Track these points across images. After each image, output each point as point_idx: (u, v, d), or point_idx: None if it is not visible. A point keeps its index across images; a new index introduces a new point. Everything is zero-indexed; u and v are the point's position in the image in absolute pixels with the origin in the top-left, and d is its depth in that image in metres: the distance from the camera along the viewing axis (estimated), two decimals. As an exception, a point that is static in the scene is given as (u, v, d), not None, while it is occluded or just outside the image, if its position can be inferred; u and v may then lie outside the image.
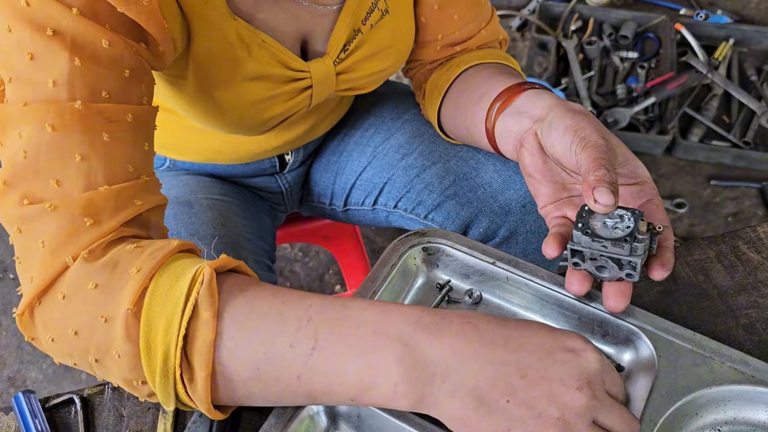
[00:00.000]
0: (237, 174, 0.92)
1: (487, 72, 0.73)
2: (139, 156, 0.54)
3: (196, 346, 0.46)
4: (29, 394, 0.62)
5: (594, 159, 0.54)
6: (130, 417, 0.62)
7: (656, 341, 0.60)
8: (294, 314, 0.47)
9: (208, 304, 0.46)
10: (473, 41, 0.81)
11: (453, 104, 0.76)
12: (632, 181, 0.58)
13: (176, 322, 0.46)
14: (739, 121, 1.95)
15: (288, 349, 0.46)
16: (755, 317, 0.67)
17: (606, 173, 0.52)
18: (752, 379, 0.58)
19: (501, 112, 0.66)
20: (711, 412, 0.58)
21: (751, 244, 0.74)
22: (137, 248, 0.49)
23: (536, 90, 0.65)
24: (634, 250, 0.52)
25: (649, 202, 0.58)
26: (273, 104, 0.73)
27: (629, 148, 0.58)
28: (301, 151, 0.94)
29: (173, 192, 0.84)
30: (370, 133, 0.94)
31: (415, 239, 0.67)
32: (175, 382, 0.47)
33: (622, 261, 0.54)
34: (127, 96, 0.53)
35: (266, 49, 0.68)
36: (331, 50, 0.73)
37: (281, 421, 0.55)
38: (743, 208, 1.84)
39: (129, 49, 0.53)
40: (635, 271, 0.54)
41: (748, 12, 2.35)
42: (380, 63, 0.77)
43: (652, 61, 2.09)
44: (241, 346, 0.47)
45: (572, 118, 0.58)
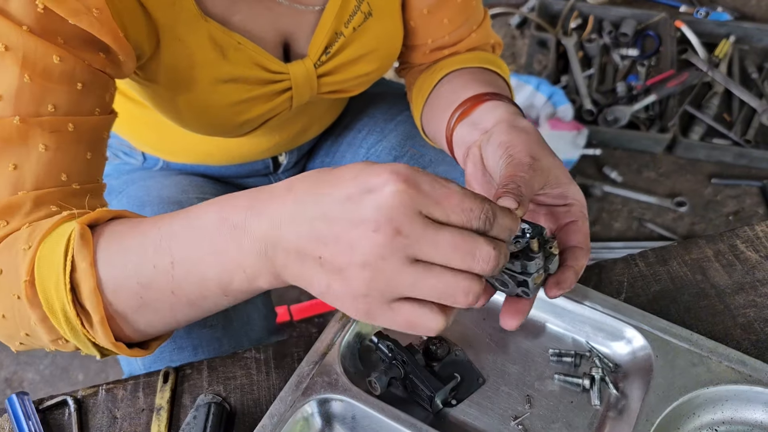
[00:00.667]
0: (230, 175, 0.92)
1: (463, 78, 0.73)
2: (78, 165, 0.56)
3: (84, 294, 0.50)
4: (23, 396, 0.62)
5: (507, 175, 0.53)
6: (123, 419, 0.61)
7: (653, 341, 0.60)
8: (150, 238, 0.50)
9: (83, 255, 0.49)
10: (463, 44, 0.80)
11: (429, 109, 0.76)
12: (560, 202, 0.57)
13: (61, 278, 0.49)
14: (740, 119, 1.94)
15: (153, 271, 0.49)
16: (753, 316, 0.67)
17: (515, 187, 0.51)
18: (749, 378, 0.57)
19: (459, 121, 0.65)
20: (708, 411, 0.58)
21: (750, 243, 0.73)
22: (29, 227, 0.52)
23: (495, 102, 0.64)
24: (524, 268, 0.51)
25: (572, 223, 0.56)
26: (251, 106, 0.72)
27: (566, 171, 0.57)
28: (295, 153, 0.94)
29: (164, 192, 0.84)
30: (363, 134, 0.94)
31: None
32: (83, 332, 0.51)
33: (517, 278, 0.53)
34: (77, 108, 0.55)
35: (242, 51, 0.67)
36: (312, 52, 0.72)
37: (274, 423, 0.55)
38: (744, 206, 1.83)
39: (81, 63, 0.55)
40: (529, 288, 0.53)
41: (749, 9, 2.34)
42: (365, 66, 0.76)
43: (653, 59, 2.08)
44: (118, 282, 0.50)
45: (509, 135, 0.57)
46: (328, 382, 0.57)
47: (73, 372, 1.52)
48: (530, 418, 0.58)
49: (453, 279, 0.41)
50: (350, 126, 0.95)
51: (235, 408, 0.61)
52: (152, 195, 0.83)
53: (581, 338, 0.63)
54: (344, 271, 0.42)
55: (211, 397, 0.60)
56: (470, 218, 0.42)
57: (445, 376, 0.60)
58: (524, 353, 0.63)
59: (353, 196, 0.42)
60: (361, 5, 0.72)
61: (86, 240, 0.50)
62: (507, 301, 0.54)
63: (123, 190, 0.88)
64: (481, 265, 0.42)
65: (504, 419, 0.58)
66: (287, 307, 1.55)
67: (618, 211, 1.82)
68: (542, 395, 0.60)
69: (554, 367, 0.62)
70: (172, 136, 0.84)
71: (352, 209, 0.42)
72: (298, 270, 0.44)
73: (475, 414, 0.59)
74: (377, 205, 0.41)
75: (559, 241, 0.56)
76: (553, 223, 0.57)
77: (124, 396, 0.63)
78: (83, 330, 0.51)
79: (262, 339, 0.79)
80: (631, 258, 0.72)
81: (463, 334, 0.64)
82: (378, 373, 0.58)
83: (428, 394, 0.58)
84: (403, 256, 0.41)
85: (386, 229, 0.40)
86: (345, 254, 0.41)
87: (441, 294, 0.42)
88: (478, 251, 0.41)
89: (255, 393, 0.62)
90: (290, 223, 0.44)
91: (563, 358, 0.62)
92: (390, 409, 0.55)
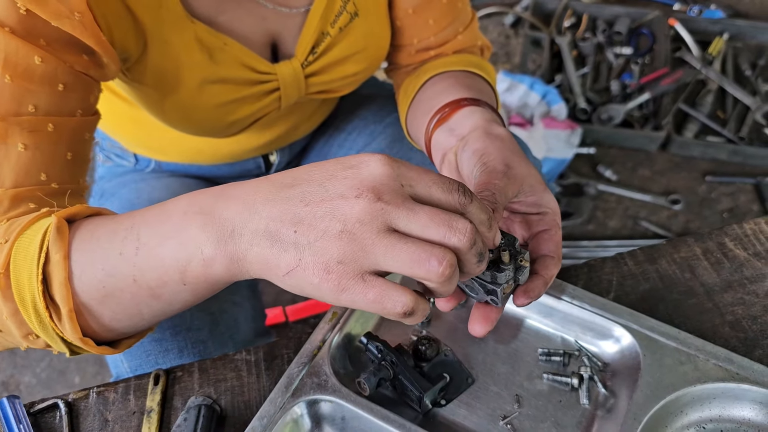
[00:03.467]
0: (222, 174, 0.92)
1: (446, 83, 0.72)
2: (57, 165, 0.56)
3: (54, 286, 0.50)
4: (14, 399, 0.62)
5: (481, 183, 0.53)
6: (115, 421, 0.62)
7: (641, 339, 0.60)
8: (122, 226, 0.50)
9: (58, 247, 0.49)
10: (449, 46, 0.80)
11: (413, 112, 0.76)
12: (534, 210, 0.57)
13: (34, 269, 0.49)
14: (733, 117, 1.95)
15: (119, 257, 0.49)
16: (741, 314, 0.67)
17: (489, 195, 0.52)
18: (737, 376, 0.58)
19: (438, 126, 0.65)
20: (696, 409, 0.58)
21: (738, 241, 0.73)
22: (6, 223, 0.53)
23: (472, 108, 0.64)
24: (494, 278, 0.51)
25: (544, 231, 0.57)
26: (239, 107, 0.72)
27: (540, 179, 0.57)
28: (287, 152, 0.94)
29: (155, 194, 0.84)
30: (354, 135, 0.94)
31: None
32: (51, 325, 0.51)
33: (486, 287, 0.53)
34: (58, 109, 0.55)
35: (229, 52, 0.68)
36: (299, 52, 0.72)
37: (264, 425, 0.55)
38: (739, 203, 1.84)
39: (63, 65, 0.55)
40: (498, 297, 0.53)
41: (743, 6, 2.35)
42: (352, 66, 0.76)
43: (647, 57, 2.08)
44: (86, 271, 0.50)
45: (483, 142, 0.57)
46: (318, 383, 0.57)
47: (69, 375, 1.52)
48: (519, 418, 0.59)
49: (428, 246, 0.41)
50: (341, 127, 0.96)
51: (225, 410, 0.62)
52: (143, 198, 0.84)
53: (570, 337, 0.64)
54: (319, 240, 0.42)
55: (201, 399, 0.60)
56: (450, 190, 0.43)
57: (434, 377, 0.60)
58: (513, 353, 0.63)
59: (335, 174, 0.43)
60: (347, 5, 0.72)
61: (62, 233, 0.50)
62: (476, 308, 0.54)
63: (115, 193, 0.88)
64: (457, 236, 0.42)
65: (493, 419, 0.59)
66: (282, 309, 1.56)
67: (613, 210, 1.82)
68: (531, 394, 0.60)
69: (543, 367, 0.62)
70: (161, 133, 0.84)
71: (333, 185, 0.43)
72: (265, 251, 0.43)
73: (465, 414, 0.59)
74: (360, 175, 0.42)
75: (531, 249, 0.56)
76: (527, 231, 0.57)
77: (115, 399, 0.63)
78: (51, 323, 0.50)
79: (250, 342, 0.79)
80: (620, 257, 0.72)
81: (452, 335, 0.65)
82: (367, 374, 0.58)
83: (417, 394, 0.58)
84: (381, 222, 0.41)
85: (368, 194, 0.41)
86: (323, 222, 0.42)
87: (415, 261, 0.41)
88: (454, 222, 0.42)
89: (245, 395, 0.63)
90: (264, 203, 0.44)
91: (552, 357, 0.62)
92: (379, 409, 0.56)
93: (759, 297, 0.68)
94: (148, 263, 0.48)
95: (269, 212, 0.44)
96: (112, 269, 0.50)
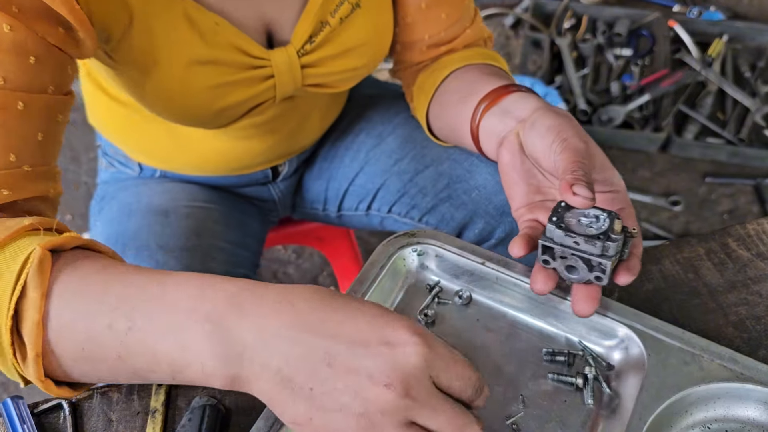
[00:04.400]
0: (228, 184, 0.91)
1: (475, 73, 0.73)
2: (28, 146, 0.53)
3: (26, 326, 0.46)
4: (17, 400, 0.62)
5: (573, 161, 0.54)
6: (119, 421, 0.61)
7: (645, 340, 0.60)
8: (115, 291, 0.46)
9: (37, 283, 0.46)
10: (459, 41, 0.79)
11: (439, 105, 0.75)
12: (607, 189, 0.59)
13: (6, 301, 0.46)
14: (733, 118, 1.95)
15: (106, 330, 0.46)
16: (745, 314, 0.67)
17: (583, 174, 0.53)
18: (741, 376, 0.58)
19: (486, 111, 0.65)
20: (701, 409, 0.58)
21: (741, 241, 0.73)
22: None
23: (523, 92, 0.65)
24: (605, 250, 0.51)
25: (621, 210, 0.58)
26: (230, 91, 0.69)
27: (607, 158, 0.59)
28: (294, 161, 0.93)
29: (154, 200, 0.83)
30: (361, 137, 0.93)
31: (405, 240, 0.67)
32: (13, 362, 0.48)
33: (593, 262, 0.52)
34: (28, 83, 0.52)
35: (220, 33, 0.65)
36: (295, 40, 0.70)
37: (269, 425, 0.55)
38: (739, 204, 1.84)
39: (34, 36, 0.52)
40: (605, 273, 0.52)
41: (742, 8, 2.35)
42: (353, 61, 0.74)
43: (646, 59, 2.09)
44: (66, 325, 0.47)
45: (555, 119, 0.58)
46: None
47: (69, 375, 1.52)
48: (524, 418, 0.59)
49: None
50: (347, 130, 0.95)
51: (229, 410, 0.62)
52: (142, 202, 0.83)
53: (574, 338, 0.64)
54: (335, 413, 0.41)
55: (206, 399, 0.60)
56: (467, 386, 0.45)
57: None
58: (517, 353, 0.63)
59: (367, 343, 0.42)
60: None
61: (44, 268, 0.46)
62: (577, 288, 0.55)
63: (115, 196, 0.87)
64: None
65: (498, 419, 0.59)
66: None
67: (613, 211, 1.82)
68: (536, 395, 0.60)
69: (547, 367, 0.62)
70: (166, 141, 0.83)
71: (363, 355, 0.42)
72: (273, 390, 0.43)
73: (469, 414, 0.59)
74: (395, 361, 0.42)
75: None
76: None
77: (119, 399, 0.63)
78: (13, 360, 0.47)
79: None
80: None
81: (457, 335, 0.65)
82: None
83: (422, 394, 0.58)
84: (402, 416, 0.42)
85: (398, 387, 0.41)
86: (343, 397, 0.41)
87: None
88: (468, 429, 0.44)
89: (250, 395, 0.63)
90: (282, 339, 0.42)
91: (556, 357, 0.62)
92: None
93: (763, 297, 0.68)
94: (139, 349, 0.46)
95: (286, 352, 0.42)
96: (97, 338, 0.46)
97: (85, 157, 1.98)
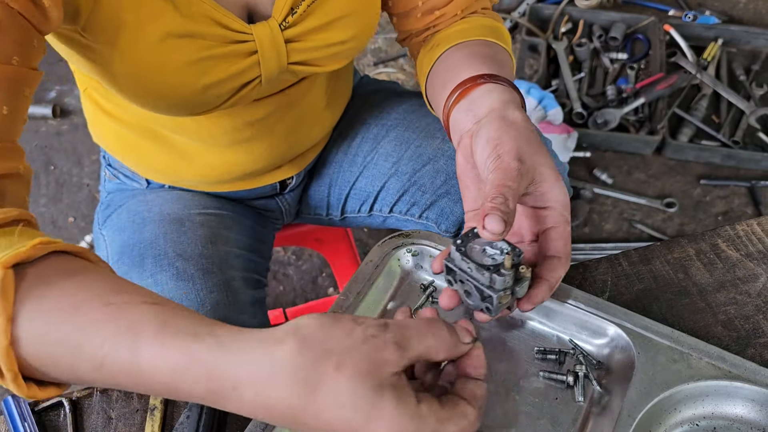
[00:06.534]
0: (238, 197, 0.92)
1: (460, 55, 0.70)
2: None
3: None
4: (18, 398, 0.63)
5: (497, 185, 0.53)
6: (118, 419, 0.63)
7: (635, 338, 0.61)
8: (87, 353, 0.44)
9: (1, 308, 0.43)
10: (455, 4, 0.76)
11: (431, 88, 0.74)
12: (540, 205, 0.57)
13: None
14: (728, 121, 1.97)
15: (92, 381, 0.46)
16: (733, 314, 0.68)
17: (503, 202, 0.52)
18: (729, 374, 0.59)
19: (455, 105, 0.64)
20: (689, 407, 0.60)
21: (731, 242, 0.75)
22: None
23: (490, 86, 0.63)
24: (492, 282, 0.52)
25: (552, 229, 0.57)
26: (212, 66, 0.66)
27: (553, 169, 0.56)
28: (302, 173, 0.94)
29: (166, 208, 0.83)
30: (357, 141, 0.93)
31: (399, 241, 0.68)
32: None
33: (484, 292, 0.53)
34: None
35: (195, 4, 0.63)
36: (276, 13, 0.67)
37: (265, 423, 0.56)
38: (733, 206, 1.85)
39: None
40: (492, 305, 0.53)
41: (737, 12, 2.37)
42: (339, 33, 0.71)
43: (642, 62, 2.10)
44: (40, 362, 0.45)
45: (497, 130, 0.57)
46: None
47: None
48: (516, 415, 0.60)
49: None
50: (343, 133, 0.95)
51: (227, 408, 0.63)
52: (153, 211, 0.82)
53: (565, 336, 0.65)
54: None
55: (203, 397, 0.61)
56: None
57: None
58: (509, 351, 0.64)
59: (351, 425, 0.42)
60: None
61: (6, 292, 0.43)
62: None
63: (123, 204, 0.87)
64: None
65: (489, 416, 0.60)
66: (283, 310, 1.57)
67: (608, 213, 1.84)
68: (527, 392, 0.61)
69: (539, 365, 0.63)
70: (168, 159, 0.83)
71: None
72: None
73: (462, 411, 0.60)
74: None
75: (539, 248, 0.57)
76: (535, 226, 0.58)
77: (119, 397, 0.64)
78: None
79: None
80: (614, 257, 0.74)
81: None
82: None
83: (416, 392, 0.59)
84: None
85: None
86: None
87: None
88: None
89: (247, 393, 0.64)
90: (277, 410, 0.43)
91: (547, 355, 0.63)
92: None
93: (751, 297, 0.70)
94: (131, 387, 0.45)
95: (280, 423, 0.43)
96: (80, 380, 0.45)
97: (87, 160, 1.99)
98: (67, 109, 2.12)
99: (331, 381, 0.41)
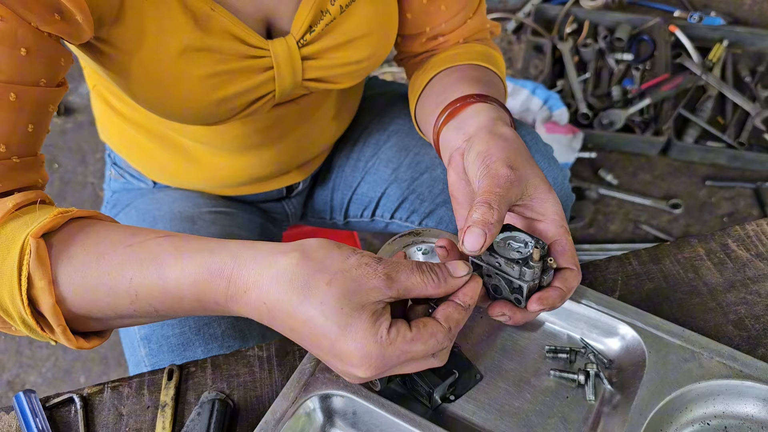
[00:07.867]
0: (246, 200, 0.92)
1: (451, 78, 0.71)
2: (18, 137, 0.54)
3: (44, 309, 0.50)
4: (30, 394, 0.63)
5: (483, 192, 0.53)
6: (129, 415, 0.63)
7: (646, 337, 0.61)
8: (121, 289, 0.51)
9: (40, 274, 0.49)
10: (457, 33, 0.78)
11: (421, 109, 0.75)
12: (537, 217, 0.57)
13: (17, 294, 0.49)
14: (733, 122, 1.97)
15: (132, 313, 0.52)
16: (744, 313, 0.68)
17: (486, 212, 0.52)
18: (740, 373, 0.59)
19: (445, 124, 0.65)
20: (700, 406, 0.60)
21: (741, 241, 0.75)
22: None
23: (479, 105, 0.63)
24: (522, 275, 0.53)
25: (554, 243, 0.57)
26: (228, 81, 0.67)
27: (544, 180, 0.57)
28: (309, 179, 0.94)
29: (176, 206, 0.83)
30: (359, 146, 0.94)
31: (410, 239, 0.68)
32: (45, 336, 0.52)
33: (514, 283, 0.54)
34: (20, 76, 0.52)
35: (216, 19, 0.63)
36: (295, 29, 0.68)
37: (277, 419, 0.56)
38: (738, 208, 1.85)
39: (26, 26, 0.51)
40: (522, 296, 0.54)
41: (742, 13, 2.37)
42: (355, 53, 0.72)
43: (647, 63, 2.10)
44: (86, 309, 0.52)
45: (487, 144, 0.57)
46: (330, 378, 0.58)
47: (75, 374, 1.53)
48: (527, 413, 0.60)
49: None
50: (345, 138, 0.96)
51: (238, 405, 0.63)
52: (163, 209, 0.83)
53: (576, 335, 0.65)
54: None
55: (214, 394, 0.61)
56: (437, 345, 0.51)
57: (443, 373, 0.61)
58: (520, 350, 0.64)
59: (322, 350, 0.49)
60: None
61: (42, 259, 0.49)
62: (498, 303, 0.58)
63: (131, 203, 0.87)
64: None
65: (501, 414, 0.60)
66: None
67: (614, 214, 1.83)
68: (538, 391, 0.61)
69: (550, 364, 0.63)
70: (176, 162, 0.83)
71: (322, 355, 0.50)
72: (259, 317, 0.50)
73: (473, 409, 0.60)
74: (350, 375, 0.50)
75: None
76: None
77: (130, 393, 0.64)
78: (44, 335, 0.52)
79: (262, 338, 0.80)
80: (624, 257, 0.74)
81: (461, 332, 0.66)
82: (378, 370, 0.59)
83: (427, 390, 0.59)
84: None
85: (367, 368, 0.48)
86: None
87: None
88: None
89: (258, 390, 0.64)
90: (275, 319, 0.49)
91: (559, 354, 0.63)
92: (390, 404, 0.57)
93: (762, 297, 0.69)
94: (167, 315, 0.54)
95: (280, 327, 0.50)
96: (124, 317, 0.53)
97: (92, 158, 2.00)
98: (71, 107, 2.12)
99: (321, 293, 0.47)
